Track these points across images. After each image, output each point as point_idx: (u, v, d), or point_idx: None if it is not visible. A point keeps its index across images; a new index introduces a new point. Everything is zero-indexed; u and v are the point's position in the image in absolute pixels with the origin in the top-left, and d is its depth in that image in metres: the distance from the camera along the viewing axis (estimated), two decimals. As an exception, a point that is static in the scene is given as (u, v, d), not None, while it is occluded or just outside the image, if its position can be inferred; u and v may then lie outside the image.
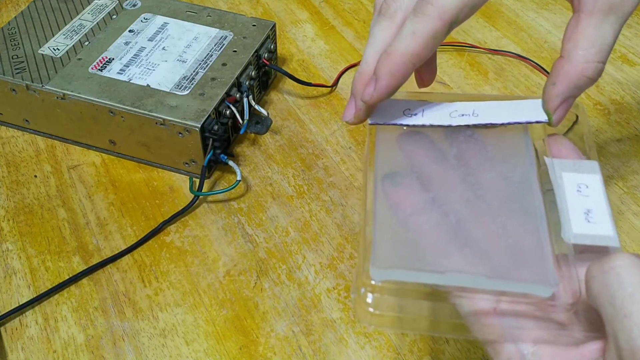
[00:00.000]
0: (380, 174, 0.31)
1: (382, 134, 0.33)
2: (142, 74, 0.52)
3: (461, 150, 0.32)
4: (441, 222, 0.29)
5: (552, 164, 0.30)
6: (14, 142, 0.55)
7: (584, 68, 0.29)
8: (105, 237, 0.48)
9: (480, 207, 0.29)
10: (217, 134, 0.48)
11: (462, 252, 0.28)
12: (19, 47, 0.55)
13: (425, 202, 0.30)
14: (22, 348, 0.42)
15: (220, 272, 0.46)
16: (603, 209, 0.28)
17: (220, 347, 0.42)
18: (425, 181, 0.31)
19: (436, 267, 0.27)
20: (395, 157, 0.32)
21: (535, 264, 0.27)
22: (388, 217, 0.29)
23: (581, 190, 0.29)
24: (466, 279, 0.27)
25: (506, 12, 0.68)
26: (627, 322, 0.22)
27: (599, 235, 0.27)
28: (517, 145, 0.32)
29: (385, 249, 0.28)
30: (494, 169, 0.31)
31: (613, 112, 0.57)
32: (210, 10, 0.59)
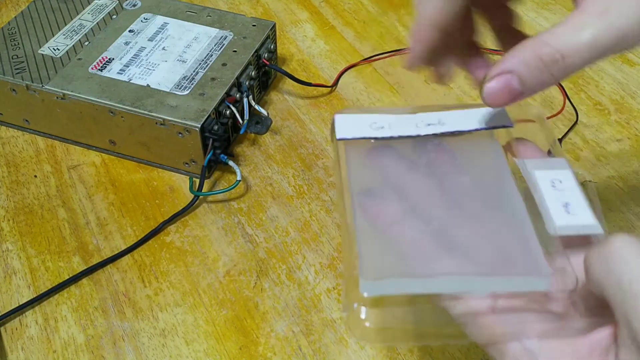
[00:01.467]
0: (355, 191, 0.30)
1: (351, 150, 0.32)
2: (142, 74, 0.52)
3: (431, 159, 0.32)
4: (424, 229, 0.28)
5: (523, 164, 0.30)
6: (14, 142, 0.55)
7: (540, 47, 0.26)
8: (105, 237, 0.48)
9: (460, 211, 0.29)
10: (217, 134, 0.48)
11: (450, 255, 0.27)
12: (19, 47, 0.55)
13: (405, 212, 0.29)
14: (22, 348, 0.42)
15: (220, 272, 0.46)
16: (580, 200, 0.28)
17: (220, 347, 0.42)
18: (401, 192, 0.30)
19: (426, 272, 0.27)
20: (367, 172, 0.32)
21: (526, 259, 0.27)
22: (369, 229, 0.29)
23: (555, 186, 0.29)
24: (459, 281, 0.26)
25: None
26: (639, 302, 0.22)
27: (582, 224, 0.27)
28: (485, 150, 0.32)
29: (372, 261, 0.27)
30: (467, 174, 0.31)
31: (613, 112, 0.57)
32: (210, 10, 0.59)
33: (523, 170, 0.30)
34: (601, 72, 0.60)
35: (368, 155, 0.32)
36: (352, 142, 0.33)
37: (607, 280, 0.23)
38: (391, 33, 0.66)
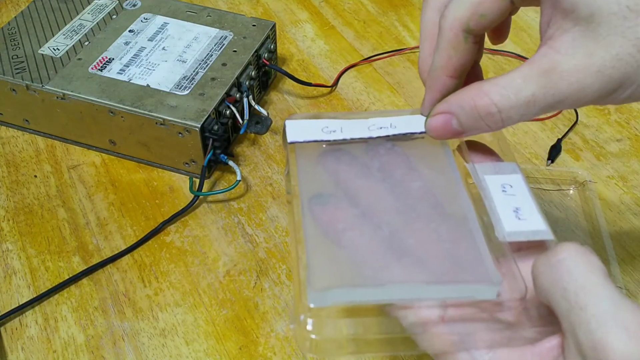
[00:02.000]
0: (305, 197, 0.30)
1: (302, 154, 0.32)
2: (142, 74, 0.52)
3: (383, 163, 0.31)
4: (374, 235, 0.28)
5: (474, 169, 0.30)
6: (14, 142, 0.55)
7: (479, 97, 0.27)
8: (105, 237, 0.48)
9: (411, 216, 0.29)
10: (217, 134, 0.48)
11: (399, 262, 0.27)
12: (19, 47, 0.55)
13: (356, 217, 0.29)
14: (22, 348, 0.42)
15: (220, 272, 0.46)
16: (531, 205, 0.28)
17: (220, 347, 0.42)
18: (353, 197, 0.30)
19: (375, 280, 0.26)
20: (319, 177, 0.31)
21: (475, 265, 0.27)
22: (319, 237, 0.28)
23: (506, 190, 0.29)
24: (407, 289, 0.26)
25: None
26: (583, 314, 0.21)
27: (531, 230, 0.27)
28: (437, 154, 0.32)
29: (320, 270, 0.26)
30: (419, 178, 0.31)
31: (613, 112, 0.57)
32: (210, 10, 0.59)
33: (473, 175, 0.30)
34: (601, 72, 0.60)
35: (319, 160, 0.32)
36: (303, 147, 0.32)
37: (553, 290, 0.23)
38: (391, 33, 0.66)
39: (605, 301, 0.21)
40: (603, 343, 0.21)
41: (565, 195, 0.50)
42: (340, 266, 0.27)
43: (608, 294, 0.22)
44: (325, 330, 0.26)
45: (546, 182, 0.51)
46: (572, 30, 0.25)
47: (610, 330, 0.21)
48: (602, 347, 0.21)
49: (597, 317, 0.21)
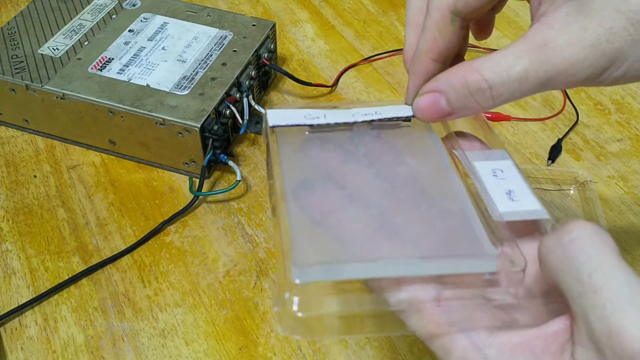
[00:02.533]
0: (289, 185, 0.28)
1: (284, 141, 0.31)
2: (141, 73, 0.52)
3: (369, 149, 0.30)
4: (363, 215, 0.26)
5: (464, 156, 0.29)
6: (14, 142, 0.55)
7: (469, 73, 0.26)
8: (104, 237, 0.48)
9: (401, 197, 0.28)
10: (217, 134, 0.48)
11: (390, 240, 0.25)
12: (19, 47, 0.55)
13: (343, 199, 0.27)
14: (22, 348, 0.42)
15: (220, 273, 0.45)
16: (524, 187, 0.27)
17: (220, 348, 0.41)
18: (338, 182, 0.28)
19: (365, 257, 0.25)
20: (302, 163, 0.30)
21: (470, 241, 0.25)
22: (303, 219, 0.26)
23: (497, 175, 0.28)
24: (401, 266, 0.24)
25: (506, 11, 0.68)
26: (597, 298, 0.20)
27: (527, 210, 0.26)
28: (424, 141, 0.31)
29: (304, 246, 0.25)
30: (406, 163, 0.30)
31: (613, 111, 0.57)
32: (210, 10, 0.59)
33: (463, 161, 0.29)
34: (601, 72, 0.60)
35: (302, 147, 0.30)
36: (285, 133, 0.31)
37: (564, 270, 0.21)
38: (391, 33, 0.66)
39: (622, 284, 0.20)
40: (619, 328, 0.19)
41: (566, 195, 0.50)
42: (327, 243, 0.26)
43: (624, 277, 0.20)
44: (311, 308, 0.24)
45: (547, 182, 0.50)
46: (565, 5, 0.24)
47: (626, 315, 0.19)
48: (618, 332, 0.19)
49: (613, 300, 0.20)
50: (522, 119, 0.56)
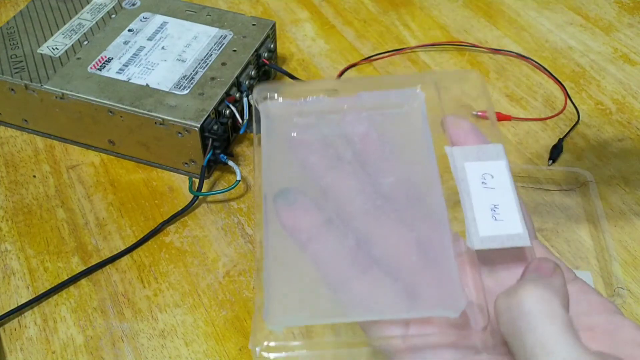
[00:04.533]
0: (271, 192, 0.28)
1: (270, 141, 0.30)
2: (141, 73, 0.52)
3: (357, 152, 0.30)
4: (340, 246, 0.27)
5: (453, 155, 0.28)
6: (13, 142, 0.55)
7: None
8: (104, 238, 0.48)
9: (381, 220, 0.28)
10: (217, 134, 0.48)
11: (363, 276, 0.26)
12: (18, 46, 0.54)
13: (322, 224, 0.27)
14: (21, 349, 0.42)
15: (220, 273, 0.45)
16: (510, 201, 0.26)
17: (220, 348, 0.41)
18: (321, 197, 0.28)
19: (334, 302, 0.26)
20: (287, 168, 0.29)
21: (441, 285, 0.26)
22: (282, 251, 0.27)
23: (486, 182, 0.27)
24: (367, 311, 0.26)
25: (507, 11, 0.68)
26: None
27: (507, 234, 0.26)
28: (415, 138, 0.30)
29: (279, 298, 0.26)
30: (392, 173, 0.29)
31: (614, 111, 0.56)
32: (210, 10, 0.59)
33: (452, 161, 0.28)
34: (602, 72, 0.60)
35: (290, 147, 0.30)
36: (273, 118, 0.30)
37: (511, 334, 0.22)
38: (392, 32, 0.66)
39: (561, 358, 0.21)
40: None
41: (567, 195, 0.49)
42: (301, 290, 0.26)
43: (565, 351, 0.21)
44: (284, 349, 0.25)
45: (548, 182, 0.50)
46: None
47: None
48: None
49: None
50: (523, 119, 0.56)
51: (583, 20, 0.66)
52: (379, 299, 0.26)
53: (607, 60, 0.61)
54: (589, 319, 0.25)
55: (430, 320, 0.26)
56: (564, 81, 0.59)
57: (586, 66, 0.61)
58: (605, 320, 0.25)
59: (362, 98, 0.31)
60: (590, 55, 0.62)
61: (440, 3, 0.69)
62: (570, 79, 0.59)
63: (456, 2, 0.69)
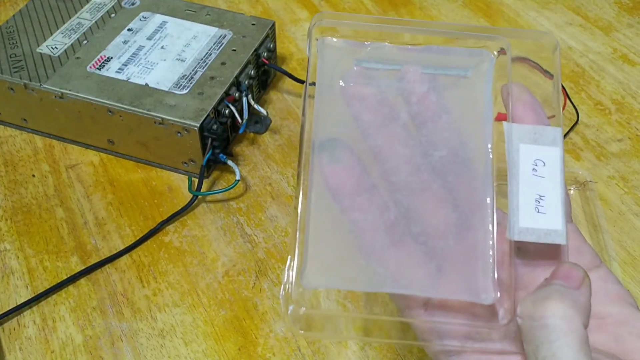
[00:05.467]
0: (318, 138, 0.27)
1: (323, 86, 0.28)
2: (140, 73, 0.52)
3: (413, 114, 0.28)
4: (379, 218, 0.27)
5: (511, 132, 0.27)
6: (12, 141, 0.55)
7: None
8: (103, 237, 0.48)
9: (425, 196, 0.27)
10: (216, 134, 0.48)
11: (400, 250, 0.27)
12: (17, 45, 0.54)
13: (365, 191, 0.27)
14: (20, 348, 0.41)
15: (219, 273, 0.45)
16: (556, 194, 0.26)
17: (219, 348, 0.41)
18: (368, 158, 0.27)
19: (367, 277, 0.26)
20: (339, 117, 0.28)
21: (475, 271, 0.26)
22: (324, 211, 0.27)
23: (537, 169, 0.27)
24: (397, 288, 0.26)
25: (507, 11, 0.68)
26: None
27: (545, 229, 0.26)
28: (476, 107, 0.29)
29: (316, 259, 0.26)
30: (445, 144, 0.28)
31: (614, 111, 0.57)
32: (210, 9, 0.59)
33: (508, 138, 0.27)
34: (602, 72, 0.60)
35: (344, 93, 0.28)
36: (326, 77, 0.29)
37: (528, 340, 0.23)
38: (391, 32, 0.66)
39: None
40: None
41: (566, 195, 0.49)
42: (337, 255, 0.27)
43: None
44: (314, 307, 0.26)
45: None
46: None
47: None
48: None
49: None
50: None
51: (582, 20, 0.66)
52: (410, 275, 0.26)
53: (606, 60, 0.61)
54: (602, 308, 0.25)
55: (456, 306, 0.26)
56: (563, 81, 0.59)
57: (585, 66, 0.61)
58: (618, 311, 0.25)
59: (429, 51, 0.29)
60: (589, 56, 0.62)
61: (440, 3, 0.69)
62: (569, 79, 0.60)
63: (456, 2, 0.69)
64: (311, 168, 0.27)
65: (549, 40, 0.31)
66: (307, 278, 0.25)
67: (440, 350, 0.26)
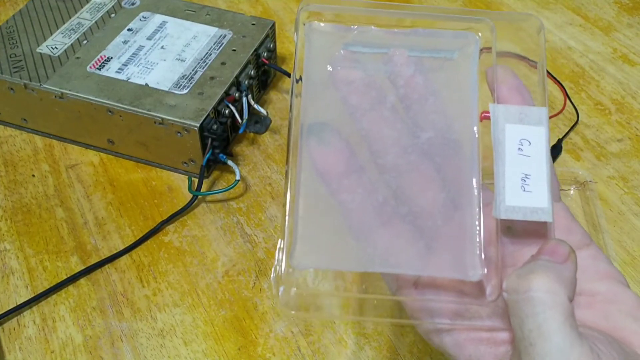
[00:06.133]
0: (307, 121, 0.28)
1: (311, 70, 0.29)
2: (140, 73, 0.52)
3: (399, 96, 0.28)
4: (368, 200, 0.27)
5: (495, 113, 0.27)
6: (12, 141, 0.55)
7: None
8: (103, 237, 0.48)
9: (412, 177, 0.28)
10: (216, 134, 0.48)
11: (388, 230, 0.27)
12: (17, 45, 0.54)
13: (353, 172, 0.27)
14: (20, 348, 0.41)
15: (219, 273, 0.45)
16: (542, 172, 0.26)
17: (219, 348, 0.41)
18: (356, 141, 0.28)
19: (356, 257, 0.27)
20: (327, 101, 0.28)
21: (463, 249, 0.26)
22: (313, 192, 0.27)
23: (522, 149, 0.27)
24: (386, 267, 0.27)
25: (507, 11, 0.68)
26: (531, 350, 0.22)
27: (531, 207, 0.26)
28: (462, 89, 0.29)
29: (305, 240, 0.26)
30: (432, 126, 0.28)
31: (614, 111, 0.57)
32: (210, 9, 0.59)
33: (494, 118, 0.27)
34: (602, 72, 0.60)
35: (332, 77, 0.29)
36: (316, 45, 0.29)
37: (513, 314, 0.23)
38: (391, 32, 0.66)
39: (554, 348, 0.22)
40: None
41: (566, 195, 0.49)
42: (326, 236, 0.27)
43: (560, 342, 0.22)
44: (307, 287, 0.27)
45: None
46: None
47: None
48: None
49: (542, 358, 0.22)
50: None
51: (582, 20, 0.66)
52: (399, 254, 0.27)
53: (606, 60, 0.61)
54: (591, 285, 0.26)
55: (446, 284, 0.26)
56: (563, 81, 0.59)
57: (585, 66, 0.61)
58: (608, 289, 0.26)
59: (415, 34, 0.29)
60: (589, 56, 0.62)
61: (440, 3, 0.69)
62: (569, 79, 0.60)
63: (455, 2, 0.69)
64: (300, 151, 0.27)
65: (533, 22, 0.31)
66: (296, 259, 0.26)
67: (432, 329, 0.27)
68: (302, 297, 0.26)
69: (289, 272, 0.26)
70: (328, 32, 0.29)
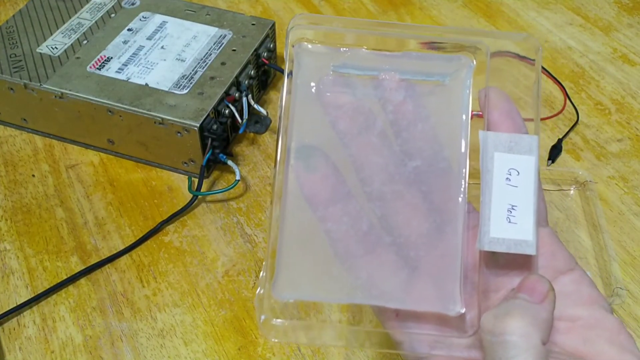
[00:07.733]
0: (295, 145, 0.27)
1: (300, 93, 0.28)
2: (140, 73, 0.52)
3: (390, 121, 0.28)
4: (353, 228, 0.27)
5: (485, 141, 0.27)
6: (12, 141, 0.55)
7: None
8: (103, 237, 0.48)
9: (397, 207, 0.28)
10: (216, 134, 0.48)
11: (372, 261, 0.27)
12: (17, 45, 0.54)
13: (339, 200, 0.27)
14: (20, 348, 0.41)
15: (219, 273, 0.45)
16: (529, 204, 0.26)
17: (219, 348, 0.41)
18: (344, 166, 0.28)
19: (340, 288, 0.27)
20: (315, 123, 0.28)
21: (442, 285, 0.27)
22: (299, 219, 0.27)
23: (510, 179, 0.26)
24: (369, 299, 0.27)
25: (507, 11, 0.68)
26: None
27: (516, 239, 0.26)
28: (453, 116, 0.28)
29: (288, 270, 0.27)
30: (420, 154, 0.28)
31: (614, 111, 0.57)
32: (210, 9, 0.59)
33: (483, 145, 0.27)
34: (602, 72, 0.60)
35: (321, 99, 0.28)
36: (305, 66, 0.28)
37: (489, 353, 0.24)
38: (391, 32, 0.66)
39: None
40: None
41: (566, 195, 0.49)
42: (310, 266, 0.27)
43: None
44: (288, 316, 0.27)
45: (547, 182, 0.50)
46: None
47: None
48: None
49: None
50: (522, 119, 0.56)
51: (582, 20, 0.66)
52: (382, 285, 0.27)
53: (606, 60, 0.61)
54: (572, 311, 0.26)
55: (426, 315, 0.26)
56: (563, 81, 0.59)
57: (585, 66, 0.61)
58: (590, 314, 0.26)
59: (407, 57, 0.29)
60: (589, 56, 0.62)
61: (440, 3, 0.69)
62: (569, 79, 0.59)
63: (455, 2, 0.69)
64: (286, 175, 0.27)
65: (532, 44, 0.31)
66: (278, 289, 0.26)
67: (413, 358, 0.27)
68: (284, 324, 0.27)
69: (270, 302, 0.26)
70: (318, 53, 0.29)
